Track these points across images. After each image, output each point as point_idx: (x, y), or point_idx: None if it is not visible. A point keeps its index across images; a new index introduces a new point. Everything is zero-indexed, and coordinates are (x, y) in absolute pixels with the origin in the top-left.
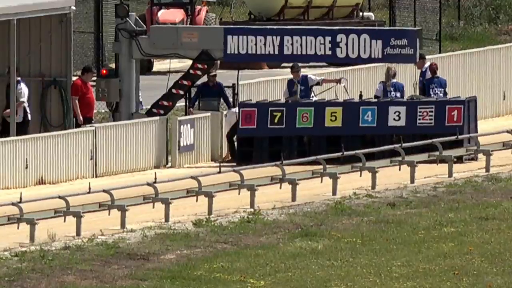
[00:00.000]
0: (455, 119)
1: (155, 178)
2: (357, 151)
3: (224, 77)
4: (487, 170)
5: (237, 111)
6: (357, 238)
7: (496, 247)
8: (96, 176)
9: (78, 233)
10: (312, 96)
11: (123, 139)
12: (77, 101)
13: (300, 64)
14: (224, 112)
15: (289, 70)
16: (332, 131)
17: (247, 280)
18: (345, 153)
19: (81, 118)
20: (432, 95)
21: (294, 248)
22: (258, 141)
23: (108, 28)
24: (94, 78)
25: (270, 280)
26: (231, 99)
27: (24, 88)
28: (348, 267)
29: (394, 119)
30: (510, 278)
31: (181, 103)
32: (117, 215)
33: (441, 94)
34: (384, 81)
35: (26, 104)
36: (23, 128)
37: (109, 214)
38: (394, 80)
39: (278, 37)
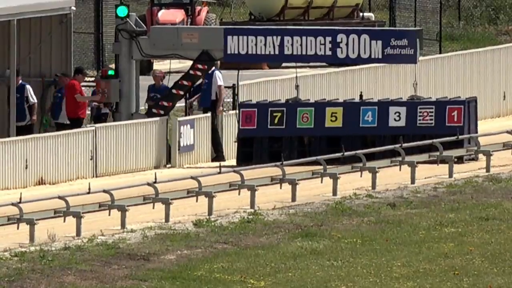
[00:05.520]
0: (455, 119)
1: (155, 178)
2: (358, 151)
3: (224, 77)
4: (488, 170)
5: (237, 111)
6: (357, 239)
7: (497, 247)
8: (96, 176)
9: (78, 233)
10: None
11: (123, 140)
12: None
13: (299, 64)
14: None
15: (289, 70)
16: (333, 132)
17: (247, 281)
18: (345, 153)
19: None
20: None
21: (294, 248)
22: (258, 142)
23: (108, 29)
24: (92, 79)
25: (270, 280)
26: (230, 99)
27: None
28: (349, 268)
29: (395, 119)
30: (510, 278)
31: (181, 103)
32: (117, 215)
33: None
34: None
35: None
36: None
37: (109, 214)
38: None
39: (278, 38)
